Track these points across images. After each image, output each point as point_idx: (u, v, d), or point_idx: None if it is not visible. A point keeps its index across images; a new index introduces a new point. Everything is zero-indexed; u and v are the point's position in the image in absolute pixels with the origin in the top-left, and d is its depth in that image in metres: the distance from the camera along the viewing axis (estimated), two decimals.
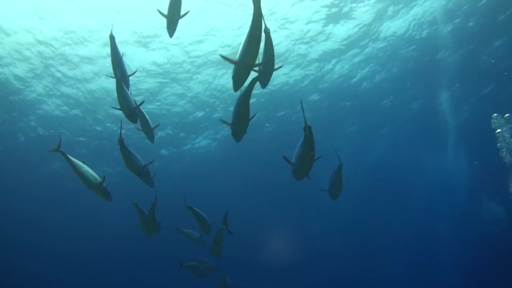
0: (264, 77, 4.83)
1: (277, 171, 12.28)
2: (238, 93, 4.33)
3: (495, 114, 15.65)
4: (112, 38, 5.20)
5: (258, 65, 4.03)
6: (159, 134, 18.43)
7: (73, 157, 5.29)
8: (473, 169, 23.21)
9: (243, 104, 4.23)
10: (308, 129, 4.43)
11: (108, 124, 17.42)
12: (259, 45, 3.83)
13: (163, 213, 7.42)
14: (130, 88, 5.63)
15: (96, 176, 5.41)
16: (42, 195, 21.59)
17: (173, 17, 5.08)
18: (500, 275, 22.71)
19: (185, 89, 15.91)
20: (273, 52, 4.62)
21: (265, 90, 16.29)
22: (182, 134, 19.10)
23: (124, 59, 5.51)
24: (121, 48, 5.44)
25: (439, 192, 26.98)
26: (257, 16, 3.72)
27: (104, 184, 5.43)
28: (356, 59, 15.38)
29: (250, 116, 4.33)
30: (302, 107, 4.41)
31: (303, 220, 26.84)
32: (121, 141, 5.43)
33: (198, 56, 14.06)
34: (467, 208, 26.51)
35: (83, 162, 5.38)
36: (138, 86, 15.06)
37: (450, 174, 24.65)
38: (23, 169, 19.69)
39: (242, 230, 26.10)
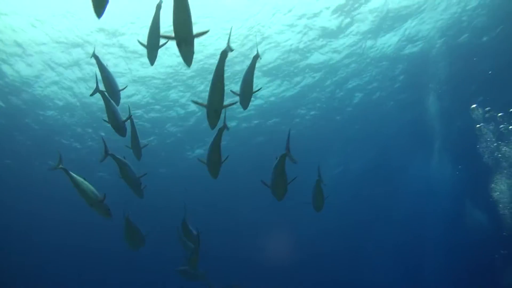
0: (244, 100, 5.22)
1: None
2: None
3: (474, 105, 14.83)
4: (96, 57, 5.32)
5: (228, 106, 4.40)
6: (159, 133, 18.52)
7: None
8: (461, 175, 23.24)
9: (214, 150, 4.84)
10: (281, 157, 4.98)
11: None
12: (222, 94, 4.22)
13: (163, 212, 7.31)
14: (120, 101, 5.67)
15: (97, 193, 5.39)
16: (41, 191, 21.48)
17: (152, 47, 5.17)
18: (487, 281, 22.72)
19: (188, 89, 15.88)
20: (252, 77, 5.00)
21: (260, 95, 16.48)
22: (179, 135, 19.14)
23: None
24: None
25: (426, 198, 27.02)
26: (219, 71, 4.09)
27: (104, 201, 5.41)
28: (350, 68, 15.48)
29: (223, 159, 4.94)
30: (289, 136, 4.90)
31: (289, 225, 26.75)
32: (112, 154, 5.55)
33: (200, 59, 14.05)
34: (455, 214, 26.58)
35: (84, 179, 5.36)
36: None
37: (438, 180, 24.70)
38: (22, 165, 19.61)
39: (230, 233, 26.17)
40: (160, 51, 5.21)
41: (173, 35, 3.86)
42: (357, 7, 12.26)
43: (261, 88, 6.03)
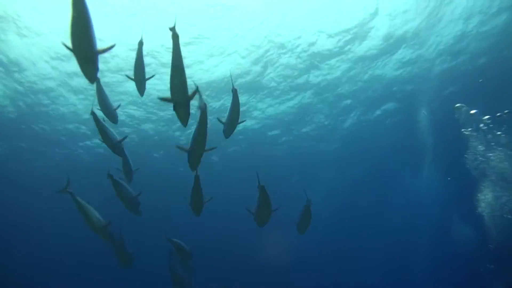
0: (227, 131, 5.53)
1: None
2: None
3: (458, 104, 13.76)
4: (97, 80, 5.51)
5: (209, 150, 4.62)
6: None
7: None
8: (449, 187, 23.17)
9: (195, 195, 5.31)
10: (261, 189, 5.29)
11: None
12: (205, 141, 4.47)
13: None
14: (117, 120, 5.89)
15: (101, 218, 5.49)
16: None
17: (139, 81, 5.49)
18: None
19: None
20: (238, 109, 5.38)
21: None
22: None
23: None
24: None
25: (416, 212, 26.98)
26: (202, 123, 4.32)
27: (108, 227, 5.53)
28: (349, 85, 15.51)
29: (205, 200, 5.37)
30: (257, 175, 5.19)
31: (282, 233, 26.67)
32: (111, 176, 5.81)
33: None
34: (443, 227, 26.53)
35: (88, 203, 5.45)
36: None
37: (428, 193, 24.67)
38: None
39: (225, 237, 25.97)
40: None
41: (170, 97, 4.03)
42: (361, 28, 12.32)
43: (245, 120, 6.19)
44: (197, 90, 4.04)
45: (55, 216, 22.66)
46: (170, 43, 3.90)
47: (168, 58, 11.89)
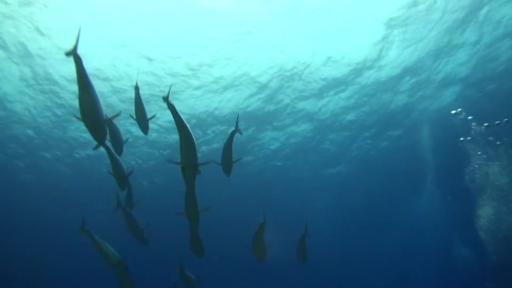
0: (226, 170, 5.81)
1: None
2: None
3: (456, 110, 13.34)
4: (110, 121, 5.56)
5: (203, 210, 4.80)
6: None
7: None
8: (450, 206, 22.93)
9: (193, 241, 5.45)
10: (259, 227, 5.58)
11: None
12: (196, 209, 4.69)
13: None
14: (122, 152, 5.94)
15: (117, 254, 5.72)
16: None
17: (142, 122, 5.78)
18: None
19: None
20: (231, 149, 5.67)
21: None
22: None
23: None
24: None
25: (416, 232, 26.72)
26: (191, 192, 4.53)
27: (124, 262, 5.74)
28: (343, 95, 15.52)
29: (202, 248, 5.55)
30: (264, 217, 5.38)
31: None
32: (123, 208, 6.04)
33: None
34: (443, 247, 26.18)
35: (104, 241, 5.68)
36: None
37: (429, 214, 24.45)
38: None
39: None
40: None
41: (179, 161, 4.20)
42: (371, 55, 12.40)
43: (241, 158, 6.33)
44: (208, 162, 4.24)
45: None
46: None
47: (171, 63, 12.02)
